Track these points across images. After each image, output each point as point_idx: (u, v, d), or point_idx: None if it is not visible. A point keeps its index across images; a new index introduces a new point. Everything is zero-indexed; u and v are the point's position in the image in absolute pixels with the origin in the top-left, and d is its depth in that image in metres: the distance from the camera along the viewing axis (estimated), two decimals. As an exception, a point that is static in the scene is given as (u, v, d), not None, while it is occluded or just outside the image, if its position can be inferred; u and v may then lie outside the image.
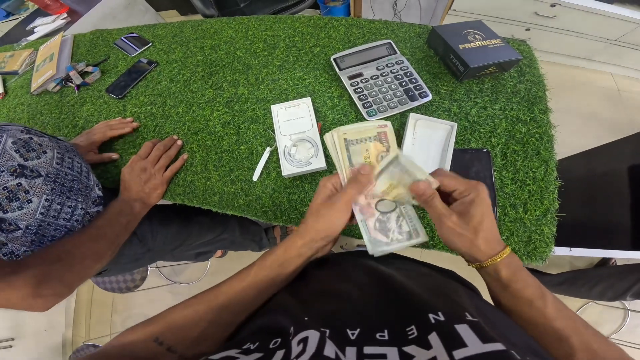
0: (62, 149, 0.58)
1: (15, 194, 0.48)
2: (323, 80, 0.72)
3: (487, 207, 0.34)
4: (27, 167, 0.50)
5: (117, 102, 0.80)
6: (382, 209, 0.39)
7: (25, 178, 0.49)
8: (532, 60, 0.69)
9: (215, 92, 0.75)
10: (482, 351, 0.19)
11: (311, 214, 0.37)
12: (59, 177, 0.54)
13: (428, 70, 0.70)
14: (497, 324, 0.25)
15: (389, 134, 0.39)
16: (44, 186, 0.51)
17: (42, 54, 0.97)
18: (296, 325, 0.24)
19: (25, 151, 0.51)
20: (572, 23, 1.60)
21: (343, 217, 0.36)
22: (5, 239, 0.47)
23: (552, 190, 0.56)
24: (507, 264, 0.33)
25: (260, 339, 0.24)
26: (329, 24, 0.83)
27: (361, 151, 0.39)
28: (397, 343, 0.21)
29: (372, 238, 0.37)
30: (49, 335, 1.72)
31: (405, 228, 0.38)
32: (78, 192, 0.57)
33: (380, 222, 0.38)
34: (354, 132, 0.39)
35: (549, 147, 0.59)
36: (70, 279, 0.51)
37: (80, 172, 0.59)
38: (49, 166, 0.53)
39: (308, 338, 0.22)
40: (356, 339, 0.22)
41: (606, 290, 1.07)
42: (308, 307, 0.28)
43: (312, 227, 0.36)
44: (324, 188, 0.38)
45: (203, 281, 1.77)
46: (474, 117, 0.63)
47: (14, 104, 0.90)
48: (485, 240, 0.33)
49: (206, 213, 0.94)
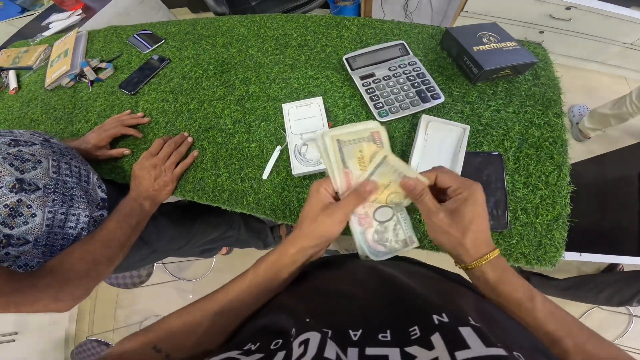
0: (57, 154, 0.57)
1: (17, 210, 0.48)
2: (334, 80, 0.72)
3: (480, 208, 0.33)
4: (24, 180, 0.49)
5: (129, 98, 0.81)
6: (380, 218, 0.39)
7: (25, 193, 0.49)
8: (548, 63, 0.68)
9: (226, 90, 0.76)
10: (484, 354, 0.19)
11: (306, 220, 0.36)
12: (58, 187, 0.54)
13: (441, 72, 0.69)
14: (503, 327, 0.25)
15: (382, 135, 0.39)
16: (45, 198, 0.51)
17: (56, 50, 0.98)
18: (298, 326, 0.24)
19: (20, 163, 0.50)
20: (587, 26, 1.57)
21: (340, 227, 0.36)
22: (17, 252, 0.48)
23: (565, 195, 0.55)
24: (493, 266, 0.33)
25: (261, 340, 0.24)
26: (341, 24, 0.83)
27: (355, 152, 0.38)
28: (400, 343, 0.21)
29: (371, 249, 0.37)
30: (52, 330, 1.74)
31: (402, 236, 0.38)
32: (80, 198, 0.57)
33: (378, 232, 0.38)
34: (347, 133, 0.38)
35: (562, 151, 0.58)
36: (87, 284, 0.52)
37: (79, 176, 0.59)
38: (46, 177, 0.52)
39: (309, 340, 0.22)
40: (358, 340, 0.22)
41: (613, 295, 1.07)
42: (310, 307, 0.28)
43: (307, 234, 0.36)
44: (317, 193, 0.37)
45: (208, 278, 1.78)
46: (487, 120, 0.62)
47: (28, 99, 0.91)
48: (474, 241, 0.33)
49: (212, 211, 0.94)
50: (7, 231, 0.46)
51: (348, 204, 0.36)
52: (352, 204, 0.36)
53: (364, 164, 0.38)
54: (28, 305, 0.45)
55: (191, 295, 1.83)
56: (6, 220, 0.46)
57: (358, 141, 0.38)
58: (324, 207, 0.36)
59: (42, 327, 1.70)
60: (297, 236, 0.36)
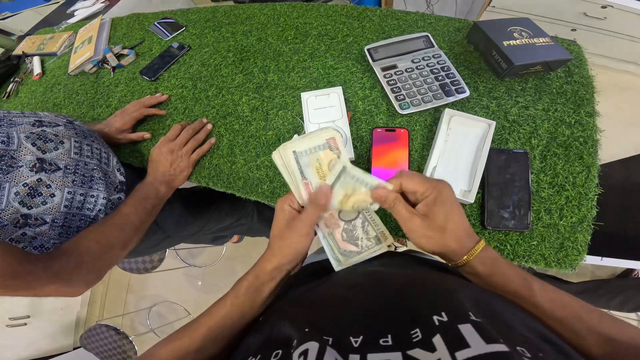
0: (80, 136, 0.57)
1: (36, 190, 0.48)
2: (355, 71, 0.71)
3: (451, 205, 0.33)
4: (45, 160, 0.49)
5: (149, 84, 0.82)
6: (345, 217, 0.39)
7: (45, 172, 0.49)
8: (582, 61, 0.64)
9: (245, 78, 0.75)
10: (484, 352, 0.18)
11: (275, 239, 0.37)
12: (79, 168, 0.54)
13: (467, 66, 0.67)
14: (506, 319, 0.24)
15: (338, 140, 0.39)
16: (65, 179, 0.51)
17: (81, 37, 1.00)
18: (298, 336, 0.24)
19: (42, 143, 0.50)
20: (623, 25, 1.50)
21: (306, 240, 0.36)
22: (34, 233, 0.48)
23: (592, 198, 0.53)
24: (482, 260, 0.32)
25: (262, 352, 0.24)
26: (363, 14, 0.81)
27: (312, 162, 0.38)
28: (401, 347, 0.21)
29: (342, 250, 0.37)
30: (63, 314, 1.77)
31: (372, 233, 0.38)
32: (99, 180, 0.57)
33: (346, 231, 0.38)
34: (301, 144, 0.38)
35: (592, 152, 0.56)
36: (100, 267, 0.52)
37: (100, 158, 0.59)
38: (68, 157, 0.53)
39: (308, 350, 0.21)
40: (359, 346, 0.22)
41: (627, 301, 1.05)
42: (310, 316, 0.28)
43: (277, 252, 0.37)
44: (281, 212, 0.38)
45: (218, 265, 1.81)
46: (514, 117, 0.59)
47: (51, 84, 0.93)
48: (455, 239, 0.32)
49: (226, 198, 0.95)
50: (25, 211, 0.47)
51: (308, 215, 0.36)
52: (312, 215, 0.36)
53: (322, 172, 0.38)
54: (40, 287, 0.44)
55: (200, 282, 1.87)
56: (25, 200, 0.47)
57: (314, 150, 0.38)
58: (288, 223, 0.37)
59: (55, 311, 1.73)
60: (270, 255, 0.37)
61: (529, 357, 0.19)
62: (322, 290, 0.35)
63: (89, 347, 1.33)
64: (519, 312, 0.27)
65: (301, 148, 0.38)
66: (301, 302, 0.33)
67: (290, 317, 0.28)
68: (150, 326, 1.76)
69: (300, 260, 0.38)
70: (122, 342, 1.26)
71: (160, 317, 1.84)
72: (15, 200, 0.46)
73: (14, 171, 0.46)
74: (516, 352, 0.19)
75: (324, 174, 0.38)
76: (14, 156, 0.47)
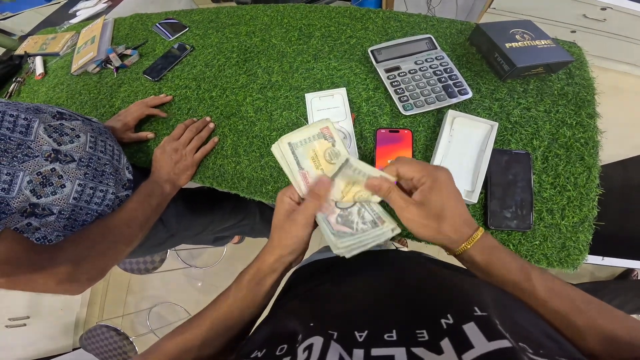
0: (95, 132, 0.58)
1: (48, 179, 0.48)
2: (358, 72, 0.71)
3: (448, 192, 0.32)
4: (61, 151, 0.50)
5: (153, 84, 0.82)
6: (342, 205, 0.39)
7: (59, 163, 0.49)
8: (583, 63, 0.65)
9: (249, 78, 0.76)
10: (486, 350, 0.18)
11: (275, 230, 0.37)
12: (92, 162, 0.54)
13: (469, 68, 0.67)
14: (511, 314, 0.24)
15: (332, 130, 0.39)
16: (77, 171, 0.52)
17: (84, 37, 1.00)
18: (303, 330, 0.24)
19: (59, 135, 0.51)
20: (622, 27, 1.51)
21: (306, 231, 0.36)
22: (39, 223, 0.48)
23: (593, 198, 0.54)
24: (480, 248, 0.32)
25: (267, 346, 0.24)
26: (366, 16, 0.81)
27: (308, 152, 0.39)
28: (406, 343, 0.21)
29: (335, 231, 0.36)
30: (63, 314, 1.75)
31: (369, 217, 0.38)
32: (110, 176, 0.57)
33: (342, 217, 0.38)
34: (296, 135, 0.39)
35: (593, 153, 0.57)
36: (104, 263, 0.52)
37: (112, 155, 0.60)
38: (82, 150, 0.53)
39: (313, 345, 0.22)
40: (364, 341, 0.22)
41: (625, 303, 1.06)
42: (316, 311, 0.28)
43: (278, 244, 0.37)
44: (281, 203, 0.38)
45: (218, 266, 1.81)
46: (516, 118, 0.60)
47: (54, 84, 0.93)
48: (452, 226, 0.32)
49: (230, 198, 0.95)
50: (34, 200, 0.46)
51: (307, 206, 0.36)
52: (311, 205, 0.36)
53: (318, 162, 0.38)
54: (42, 281, 0.44)
55: (200, 284, 1.86)
56: (36, 188, 0.47)
57: (309, 140, 0.39)
58: (288, 215, 0.37)
59: (54, 311, 1.71)
60: (270, 247, 0.37)
61: (531, 353, 0.19)
62: (328, 286, 0.36)
63: (89, 348, 1.32)
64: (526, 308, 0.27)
65: (296, 139, 0.39)
66: (307, 298, 0.33)
67: (295, 312, 0.28)
68: (151, 327, 1.75)
69: (301, 252, 0.38)
70: (122, 343, 1.25)
71: (160, 318, 1.84)
72: (27, 189, 0.46)
73: (29, 160, 0.47)
74: (519, 347, 0.19)
75: (319, 164, 0.39)
76: (31, 146, 0.48)
